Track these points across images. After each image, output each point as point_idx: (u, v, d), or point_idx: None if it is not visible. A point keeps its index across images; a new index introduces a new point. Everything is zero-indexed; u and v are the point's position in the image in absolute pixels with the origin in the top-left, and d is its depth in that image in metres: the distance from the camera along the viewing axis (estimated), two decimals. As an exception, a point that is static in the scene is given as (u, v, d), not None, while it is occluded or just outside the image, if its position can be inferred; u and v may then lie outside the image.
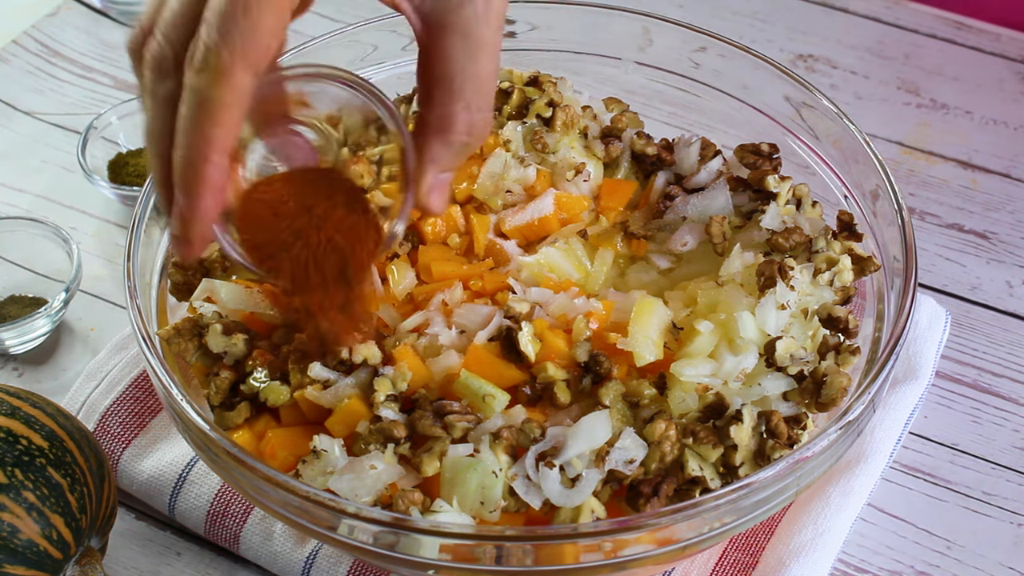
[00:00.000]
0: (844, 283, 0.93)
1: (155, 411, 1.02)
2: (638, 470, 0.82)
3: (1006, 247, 1.18)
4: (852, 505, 0.95)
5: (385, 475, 0.80)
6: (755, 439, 0.84)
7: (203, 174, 0.68)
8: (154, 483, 0.97)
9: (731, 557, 0.94)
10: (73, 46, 1.41)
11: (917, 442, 1.03)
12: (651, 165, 1.02)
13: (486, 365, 0.85)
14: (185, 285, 0.94)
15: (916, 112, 1.31)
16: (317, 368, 0.84)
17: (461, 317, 0.89)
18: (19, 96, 1.35)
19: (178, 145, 0.68)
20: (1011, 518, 0.98)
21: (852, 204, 0.98)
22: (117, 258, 1.18)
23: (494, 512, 0.80)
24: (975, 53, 1.37)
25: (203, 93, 0.66)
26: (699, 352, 0.86)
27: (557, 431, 0.81)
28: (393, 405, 0.83)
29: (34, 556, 0.83)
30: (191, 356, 0.89)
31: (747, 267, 0.91)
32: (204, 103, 0.66)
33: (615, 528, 0.75)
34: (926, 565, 0.96)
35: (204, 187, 0.68)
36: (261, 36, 0.66)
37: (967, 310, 1.13)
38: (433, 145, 0.74)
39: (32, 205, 1.23)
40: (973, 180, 1.24)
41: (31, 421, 0.87)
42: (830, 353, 0.88)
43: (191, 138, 0.67)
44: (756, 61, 1.02)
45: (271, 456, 0.83)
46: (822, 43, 1.39)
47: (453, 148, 0.75)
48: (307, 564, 0.92)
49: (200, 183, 0.68)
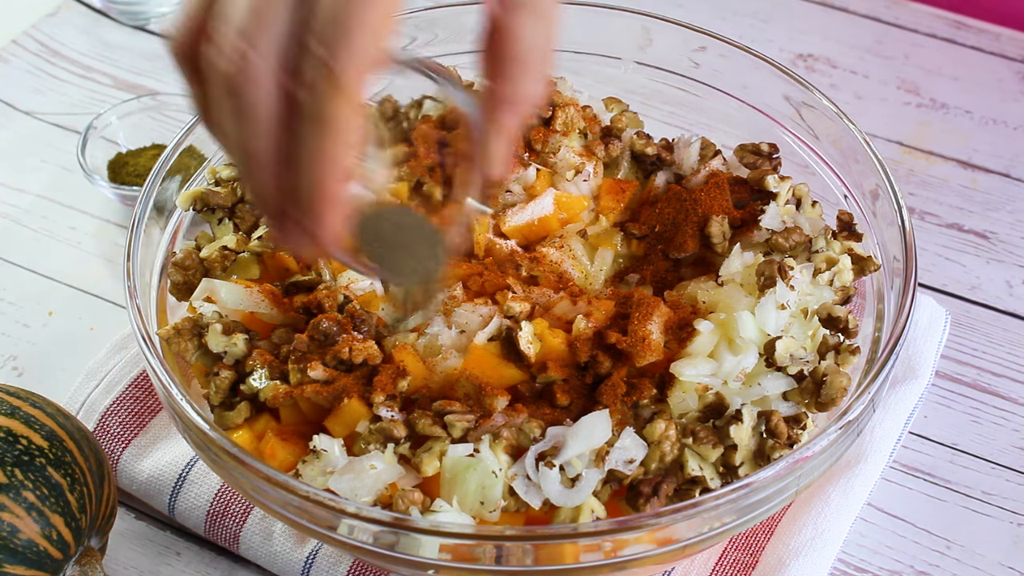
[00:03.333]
0: (844, 283, 0.93)
1: (155, 411, 1.02)
2: (638, 470, 0.82)
3: (1006, 247, 1.18)
4: (852, 505, 0.95)
5: (385, 475, 0.80)
6: (755, 439, 0.84)
7: (331, 195, 0.64)
8: (154, 483, 0.97)
9: (731, 557, 0.94)
10: (73, 46, 1.41)
11: (917, 442, 1.03)
12: (651, 165, 1.02)
13: (486, 365, 0.85)
14: (185, 285, 0.94)
15: (916, 112, 1.31)
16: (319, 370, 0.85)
17: (461, 317, 0.89)
18: (19, 96, 1.35)
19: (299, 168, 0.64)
20: (1011, 518, 0.98)
21: (852, 204, 0.98)
22: (117, 258, 1.18)
23: (494, 512, 0.80)
24: (975, 53, 1.37)
25: (326, 112, 0.62)
26: (699, 352, 0.86)
27: (557, 431, 0.81)
28: (393, 405, 0.83)
29: (34, 556, 0.83)
30: (191, 356, 0.89)
31: (747, 267, 0.91)
32: (328, 123, 0.62)
33: (615, 528, 0.75)
34: (926, 565, 0.96)
35: (332, 208, 0.65)
36: (378, 45, 0.63)
37: (967, 310, 1.13)
38: (506, 117, 0.74)
39: (32, 205, 1.23)
40: (973, 180, 1.24)
41: (31, 421, 0.87)
42: (830, 353, 0.88)
43: (316, 160, 0.63)
44: (756, 61, 1.02)
45: (271, 456, 0.83)
46: (822, 43, 1.39)
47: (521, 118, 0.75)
48: (307, 564, 0.92)
49: (329, 204, 0.65)
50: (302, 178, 0.64)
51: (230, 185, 0.99)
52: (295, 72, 0.63)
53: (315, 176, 0.64)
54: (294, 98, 0.63)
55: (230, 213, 0.98)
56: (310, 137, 0.63)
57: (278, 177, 0.65)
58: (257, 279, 0.95)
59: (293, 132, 0.63)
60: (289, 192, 0.65)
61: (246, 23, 0.63)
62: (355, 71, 0.62)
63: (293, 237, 0.67)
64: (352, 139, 0.64)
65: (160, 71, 1.37)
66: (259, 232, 0.96)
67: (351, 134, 0.63)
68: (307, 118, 0.63)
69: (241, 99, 0.63)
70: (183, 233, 0.99)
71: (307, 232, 0.66)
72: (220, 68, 0.63)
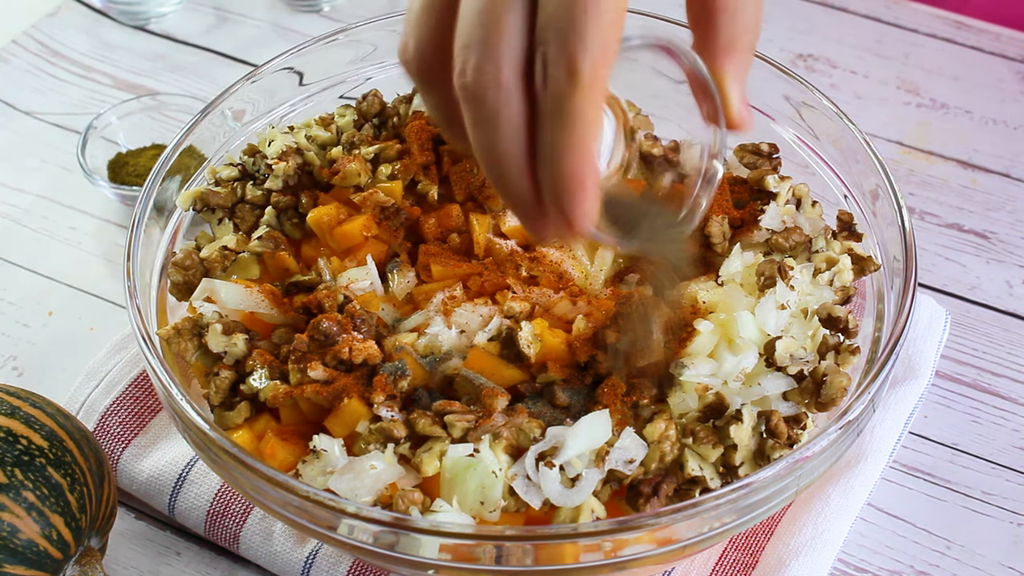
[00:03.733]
0: (844, 283, 0.93)
1: (155, 411, 1.02)
2: (638, 470, 0.82)
3: (1006, 247, 1.18)
4: (852, 505, 0.95)
5: (385, 475, 0.80)
6: (755, 439, 0.84)
7: (588, 186, 0.66)
8: (154, 483, 0.97)
9: (731, 557, 0.94)
10: (73, 46, 1.41)
11: (917, 442, 1.03)
12: (658, 166, 1.02)
13: (486, 365, 0.85)
14: (185, 285, 0.94)
15: (916, 112, 1.31)
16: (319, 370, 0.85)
17: (461, 317, 0.89)
18: (19, 96, 1.35)
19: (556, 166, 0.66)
20: (1011, 518, 0.98)
21: (852, 204, 0.98)
22: (117, 258, 1.18)
23: (494, 512, 0.80)
24: (975, 53, 1.37)
25: (576, 111, 0.64)
26: (699, 352, 0.86)
27: (557, 431, 0.81)
28: (393, 405, 0.83)
29: (34, 556, 0.83)
30: (191, 356, 0.89)
31: (747, 267, 0.91)
32: (579, 121, 0.64)
33: (615, 528, 0.75)
34: (926, 565, 0.96)
35: (587, 195, 0.67)
36: (615, 36, 0.64)
37: (967, 310, 1.13)
38: (731, 66, 0.75)
39: (32, 205, 1.24)
40: (973, 180, 1.24)
41: (31, 421, 0.87)
42: (830, 353, 0.88)
43: (568, 154, 0.65)
44: (756, 61, 1.02)
45: (271, 456, 0.83)
46: (822, 43, 1.39)
47: (746, 62, 0.76)
48: (307, 564, 0.92)
49: (586, 194, 0.66)
50: (558, 173, 0.66)
51: (230, 185, 0.99)
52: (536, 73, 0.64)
53: (570, 169, 0.65)
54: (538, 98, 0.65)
55: (230, 213, 0.98)
56: (560, 133, 0.65)
57: (531, 176, 0.67)
58: (257, 279, 0.95)
59: (544, 130, 0.65)
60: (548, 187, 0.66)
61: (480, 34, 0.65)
62: (592, 64, 0.63)
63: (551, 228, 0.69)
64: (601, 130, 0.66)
65: (160, 71, 1.37)
66: (259, 232, 0.96)
67: (597, 125, 0.65)
68: (554, 115, 0.64)
69: (484, 107, 0.65)
70: (183, 233, 0.99)
71: (566, 220, 0.67)
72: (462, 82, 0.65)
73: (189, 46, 1.40)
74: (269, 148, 1.00)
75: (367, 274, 0.92)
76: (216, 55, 1.39)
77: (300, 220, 0.97)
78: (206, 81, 1.35)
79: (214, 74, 1.36)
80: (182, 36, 1.41)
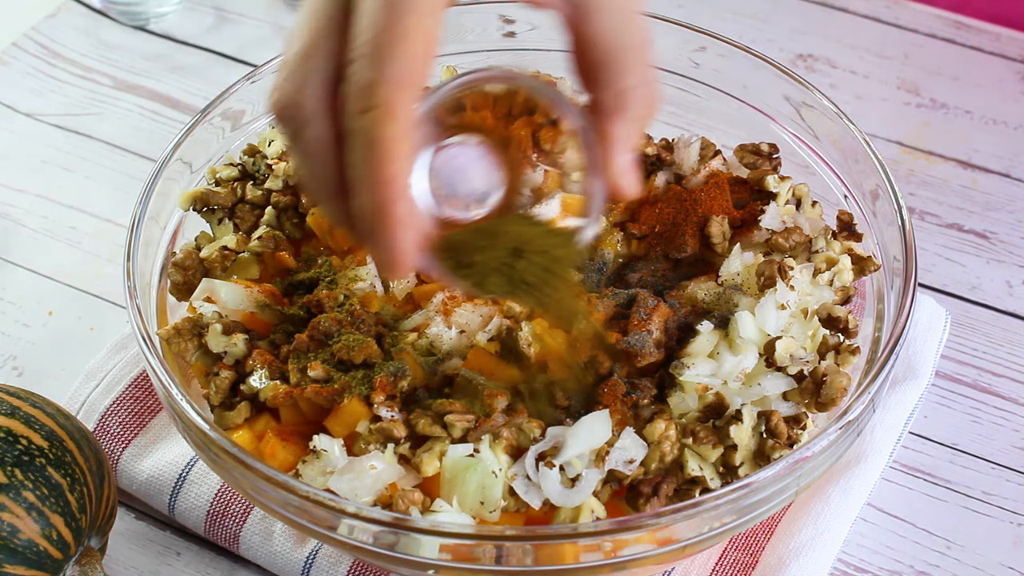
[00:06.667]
0: (844, 283, 0.93)
1: (155, 411, 1.02)
2: (638, 470, 0.82)
3: (1006, 247, 1.18)
4: (852, 505, 0.95)
5: (385, 475, 0.80)
6: (755, 439, 0.84)
7: (395, 214, 0.64)
8: (154, 483, 0.97)
9: (731, 557, 0.94)
10: (73, 47, 1.41)
11: (917, 442, 1.03)
12: (651, 165, 1.02)
13: (486, 365, 0.85)
14: (185, 285, 0.94)
15: (916, 112, 1.31)
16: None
17: (461, 317, 0.89)
18: (19, 98, 1.35)
19: (358, 193, 0.64)
20: (1011, 518, 0.98)
21: (852, 204, 0.98)
22: (117, 258, 1.18)
23: (494, 512, 0.80)
24: (975, 53, 1.37)
25: (372, 133, 0.62)
26: (699, 352, 0.86)
27: (557, 431, 0.81)
28: (393, 405, 0.83)
29: (34, 556, 0.83)
30: (191, 356, 0.89)
31: (747, 267, 0.91)
32: (376, 144, 0.63)
33: (615, 528, 0.75)
34: (926, 565, 0.96)
35: (399, 226, 0.65)
36: (418, 61, 0.63)
37: (967, 310, 1.13)
38: (616, 126, 0.71)
39: (32, 205, 1.23)
40: (973, 180, 1.24)
41: (31, 421, 0.87)
42: (830, 353, 0.88)
43: (371, 182, 0.64)
44: (756, 61, 1.02)
45: (271, 456, 0.83)
46: (822, 43, 1.39)
47: (635, 125, 0.72)
48: (307, 564, 0.92)
49: (394, 224, 0.64)
50: (363, 203, 0.64)
51: (230, 185, 0.99)
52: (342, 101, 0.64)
53: (375, 199, 0.64)
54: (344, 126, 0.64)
55: (230, 213, 0.99)
56: (363, 161, 0.64)
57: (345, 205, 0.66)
58: (257, 279, 0.95)
59: (347, 156, 0.64)
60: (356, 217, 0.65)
61: (296, 66, 0.65)
62: (396, 90, 0.62)
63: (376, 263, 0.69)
64: (409, 156, 0.64)
65: (160, 71, 1.37)
66: (259, 232, 0.96)
67: (404, 154, 0.63)
68: (357, 143, 0.63)
69: (299, 138, 0.66)
70: (183, 233, 0.99)
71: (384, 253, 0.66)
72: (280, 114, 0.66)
73: (189, 46, 1.40)
74: (269, 148, 1.00)
75: (367, 274, 0.92)
76: (216, 55, 1.39)
77: (300, 220, 0.97)
78: (206, 81, 1.35)
79: (214, 74, 1.36)
80: (182, 36, 1.41)
